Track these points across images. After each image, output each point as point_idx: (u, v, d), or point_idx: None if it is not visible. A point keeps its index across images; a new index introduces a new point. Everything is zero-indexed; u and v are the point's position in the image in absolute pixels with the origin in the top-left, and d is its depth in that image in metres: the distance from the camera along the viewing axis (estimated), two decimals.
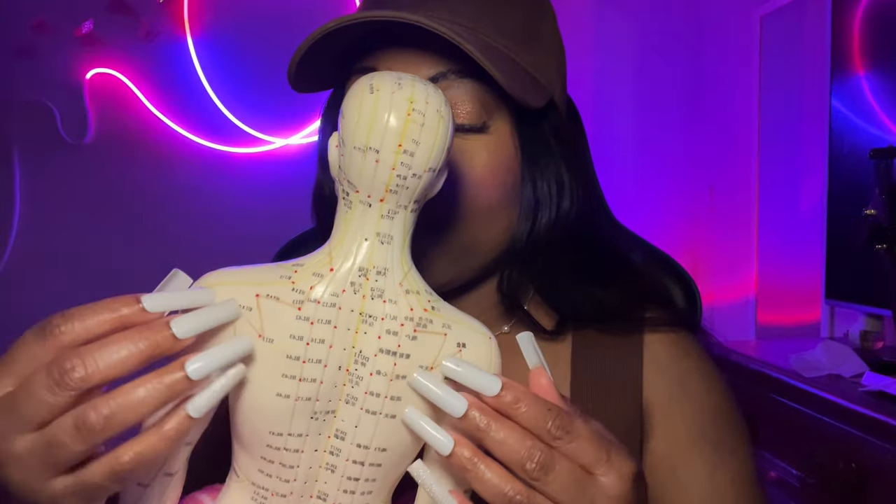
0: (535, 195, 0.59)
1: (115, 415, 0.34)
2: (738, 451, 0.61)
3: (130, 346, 0.35)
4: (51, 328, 0.35)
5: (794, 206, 2.19)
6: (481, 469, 0.37)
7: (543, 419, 0.38)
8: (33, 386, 0.35)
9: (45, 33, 2.30)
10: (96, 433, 0.34)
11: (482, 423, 0.38)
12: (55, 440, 0.35)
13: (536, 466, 0.37)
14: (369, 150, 0.38)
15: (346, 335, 0.40)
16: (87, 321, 0.35)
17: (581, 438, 0.39)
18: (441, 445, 0.38)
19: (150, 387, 0.35)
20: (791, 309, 2.20)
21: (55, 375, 0.34)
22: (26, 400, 0.35)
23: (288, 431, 0.40)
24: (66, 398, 0.34)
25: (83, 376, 0.34)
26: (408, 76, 0.40)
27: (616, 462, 0.39)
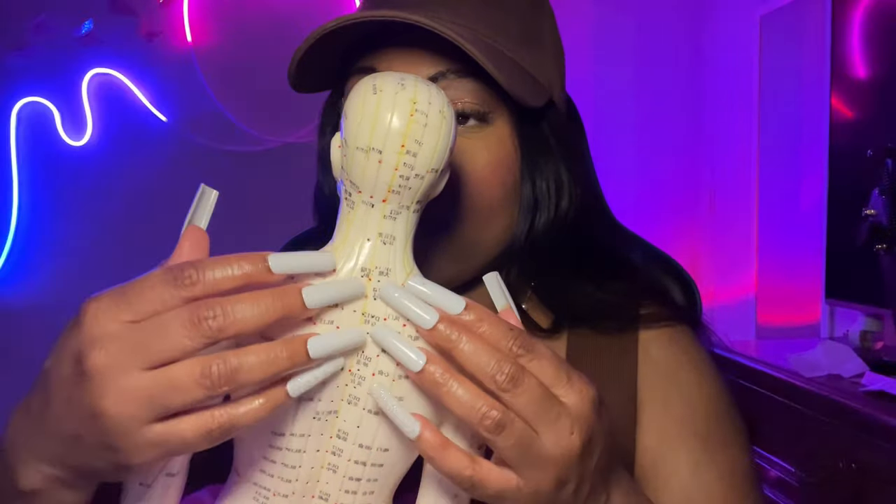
0: (534, 194, 0.59)
1: (240, 371, 0.35)
2: (730, 448, 0.60)
3: (266, 305, 0.36)
4: (183, 277, 0.36)
5: (794, 206, 2.19)
6: (453, 385, 0.37)
7: (505, 338, 0.38)
8: (169, 326, 0.35)
9: (45, 33, 2.30)
10: (219, 384, 0.35)
11: (452, 335, 0.38)
12: (178, 383, 0.35)
13: (506, 378, 0.37)
14: (372, 150, 0.39)
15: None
16: (217, 273, 0.36)
17: (542, 358, 0.39)
18: (412, 363, 0.38)
19: (274, 354, 0.36)
20: (791, 309, 2.20)
21: (194, 319, 0.35)
22: (158, 338, 0.35)
23: (290, 432, 0.40)
24: (201, 343, 0.35)
25: (221, 326, 0.35)
26: (410, 77, 0.40)
27: (577, 383, 0.39)
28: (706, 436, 0.60)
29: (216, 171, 2.44)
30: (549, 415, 0.38)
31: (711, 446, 0.60)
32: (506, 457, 0.38)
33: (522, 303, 0.63)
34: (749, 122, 2.33)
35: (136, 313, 0.36)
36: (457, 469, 0.38)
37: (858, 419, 1.28)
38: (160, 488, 0.42)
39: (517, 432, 0.37)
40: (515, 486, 0.39)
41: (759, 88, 2.28)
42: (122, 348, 0.35)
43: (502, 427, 0.37)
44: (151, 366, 0.35)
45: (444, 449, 0.38)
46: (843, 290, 1.79)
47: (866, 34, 1.74)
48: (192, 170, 2.43)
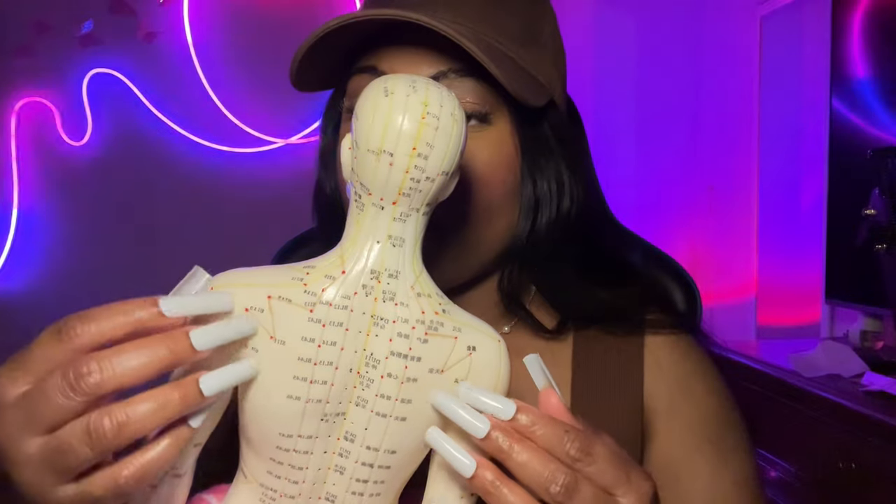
0: (535, 194, 0.59)
1: (128, 424, 0.34)
2: (740, 452, 0.61)
3: (149, 354, 0.35)
4: (66, 329, 0.35)
5: (794, 205, 2.19)
6: (504, 492, 0.37)
7: (561, 441, 0.38)
8: (47, 388, 0.34)
9: (45, 33, 2.30)
10: (108, 441, 0.34)
11: (505, 444, 0.37)
12: (65, 445, 0.34)
13: (562, 490, 0.37)
14: (383, 153, 0.38)
15: (358, 338, 0.40)
16: (103, 324, 0.35)
17: (601, 460, 0.38)
18: (464, 467, 0.38)
19: (164, 399, 0.35)
20: (791, 309, 2.20)
21: (70, 379, 0.34)
22: (40, 402, 0.34)
23: (298, 433, 0.40)
24: (80, 403, 0.34)
25: (98, 382, 0.34)
26: (422, 79, 0.40)
27: (636, 482, 0.39)
28: (719, 443, 0.60)
29: (216, 171, 2.44)
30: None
31: (724, 452, 0.60)
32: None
33: (526, 303, 0.63)
34: (749, 122, 2.33)
35: (30, 376, 0.36)
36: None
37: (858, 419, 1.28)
38: (167, 489, 0.42)
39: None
40: None
41: (759, 88, 2.28)
42: (16, 417, 0.35)
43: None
44: (44, 431, 0.35)
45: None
46: (843, 290, 1.79)
47: (866, 34, 1.74)
48: (192, 170, 2.43)
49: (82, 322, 0.35)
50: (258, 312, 0.39)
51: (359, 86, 0.56)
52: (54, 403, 0.34)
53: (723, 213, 2.51)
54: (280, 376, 0.39)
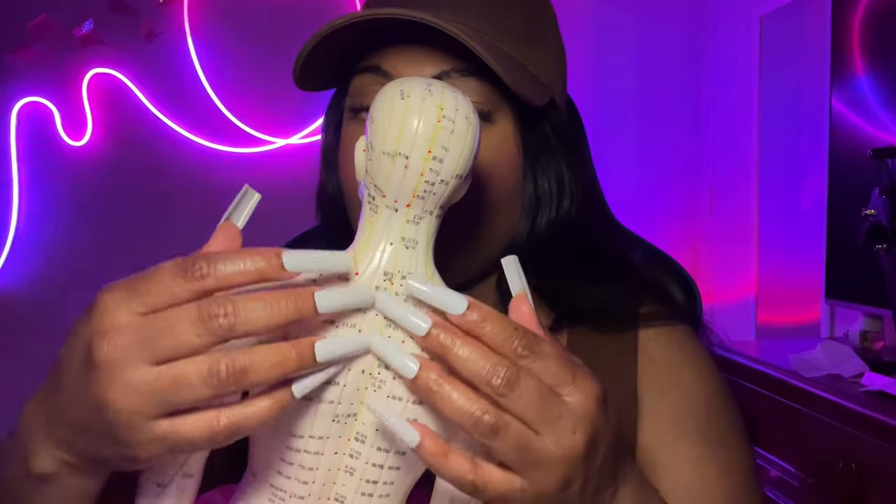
0: (536, 194, 0.59)
1: (248, 371, 0.35)
2: (731, 444, 0.61)
3: (278, 308, 0.35)
4: (194, 269, 0.35)
5: (794, 206, 2.19)
6: (447, 389, 0.37)
7: (509, 338, 0.38)
8: (178, 322, 0.35)
9: (45, 33, 2.30)
10: (225, 383, 0.34)
11: (447, 341, 0.37)
12: (185, 380, 0.34)
13: (502, 382, 0.37)
14: (399, 155, 0.39)
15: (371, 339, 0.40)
16: (228, 267, 0.35)
17: (547, 358, 0.38)
18: (406, 370, 0.38)
19: (282, 354, 0.35)
20: (791, 309, 2.21)
21: (204, 317, 0.34)
22: (166, 333, 0.35)
23: (309, 434, 0.40)
24: (209, 341, 0.35)
25: (230, 325, 0.35)
26: (437, 82, 0.40)
27: (581, 382, 0.39)
28: (707, 432, 0.60)
29: (216, 171, 2.44)
30: (550, 415, 0.38)
31: (712, 442, 0.60)
32: (506, 460, 0.38)
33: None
34: (749, 122, 2.33)
35: (147, 305, 0.36)
36: (459, 474, 0.38)
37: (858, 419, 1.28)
38: (176, 490, 0.42)
39: (513, 435, 0.37)
40: (519, 487, 0.38)
41: (759, 88, 2.29)
42: (130, 342, 0.35)
43: (497, 431, 0.37)
44: (158, 361, 0.35)
45: (444, 455, 0.38)
46: (843, 290, 1.79)
47: (866, 34, 1.74)
48: (192, 170, 2.43)
49: (209, 263, 0.35)
50: None
51: (361, 85, 0.56)
52: (181, 337, 0.34)
53: (723, 213, 2.51)
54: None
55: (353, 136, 0.57)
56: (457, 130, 0.39)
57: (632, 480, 0.45)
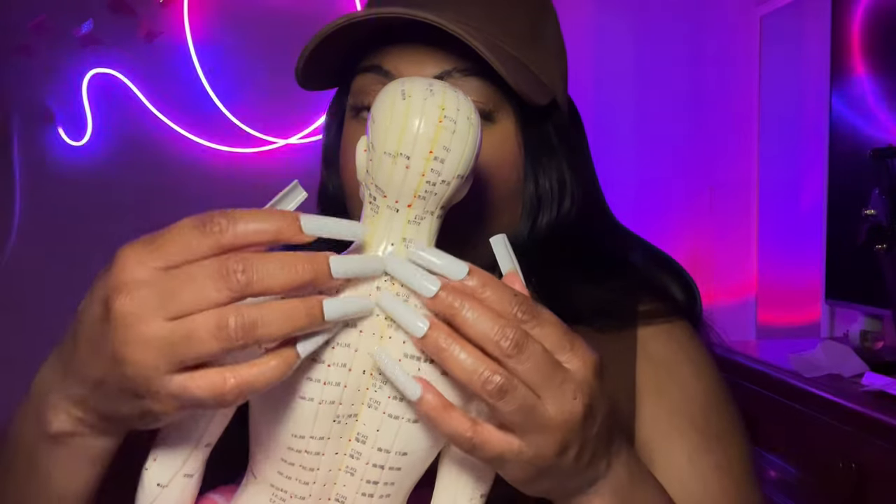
0: (537, 193, 0.59)
1: (257, 326, 0.35)
2: (728, 439, 0.60)
3: (293, 268, 0.36)
4: (212, 224, 0.36)
5: (794, 206, 2.19)
6: (455, 349, 0.37)
7: (509, 304, 0.38)
8: (196, 276, 0.35)
9: (45, 33, 2.30)
10: (235, 339, 0.35)
11: (455, 303, 0.38)
12: (194, 333, 0.35)
13: (510, 344, 0.37)
14: (400, 155, 0.39)
15: (372, 339, 0.40)
16: (248, 226, 0.36)
17: (547, 325, 0.39)
18: (415, 328, 0.38)
19: (291, 310, 0.36)
20: (791, 309, 2.20)
21: (223, 272, 0.35)
22: (184, 287, 0.35)
23: (310, 434, 0.40)
24: (226, 296, 0.35)
25: (248, 281, 0.35)
26: (439, 83, 0.40)
27: (579, 350, 0.40)
28: (703, 427, 0.60)
29: (216, 171, 2.44)
30: (553, 381, 0.38)
31: (708, 437, 0.60)
32: (508, 421, 0.38)
33: None
34: (749, 122, 2.33)
35: (165, 260, 0.36)
36: (458, 430, 0.38)
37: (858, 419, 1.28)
38: (177, 490, 0.42)
39: (520, 397, 0.37)
40: (517, 449, 0.39)
41: (759, 88, 2.28)
42: (147, 296, 0.35)
43: (504, 392, 0.37)
44: (175, 315, 0.35)
45: (445, 410, 0.38)
46: (843, 290, 1.79)
47: (866, 34, 1.74)
48: (192, 170, 2.43)
49: (227, 220, 0.36)
50: None
51: (363, 84, 0.56)
52: (199, 291, 0.35)
53: (723, 213, 2.51)
54: (293, 377, 0.39)
55: (354, 135, 0.57)
56: (458, 131, 0.39)
57: (625, 455, 0.45)
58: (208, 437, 0.42)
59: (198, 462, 0.42)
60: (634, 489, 0.45)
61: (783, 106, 2.24)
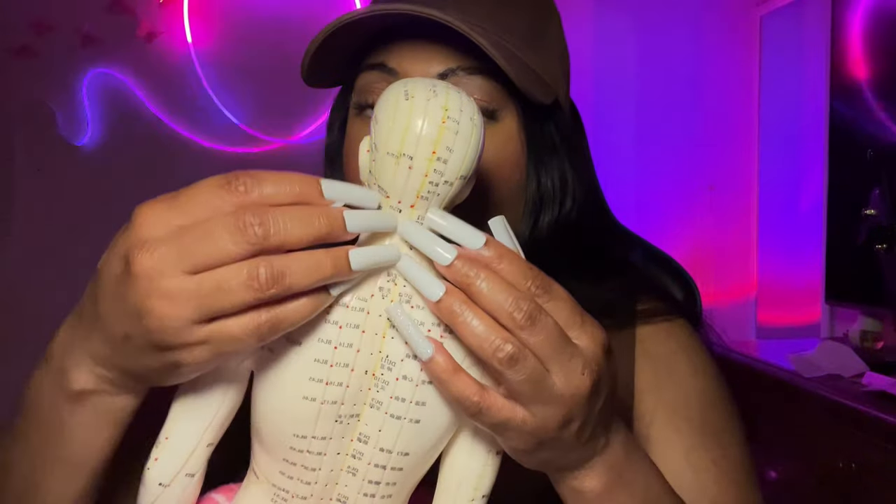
0: (539, 192, 0.59)
1: (285, 274, 0.36)
2: (725, 437, 0.60)
3: (309, 222, 0.36)
4: (236, 183, 0.36)
5: (794, 205, 2.19)
6: (468, 316, 0.37)
7: (524, 277, 0.38)
8: (214, 229, 0.35)
9: (45, 33, 2.30)
10: (266, 287, 0.35)
11: (471, 272, 0.38)
12: (226, 285, 0.35)
13: (524, 315, 0.37)
14: (403, 156, 0.39)
15: (374, 340, 0.40)
16: (270, 187, 0.37)
17: (559, 299, 0.39)
18: (431, 292, 0.38)
19: (317, 260, 0.36)
20: (791, 309, 2.20)
21: (240, 225, 0.35)
22: (203, 241, 0.35)
23: (312, 434, 0.40)
24: (244, 248, 0.35)
25: (265, 234, 0.35)
26: (442, 83, 0.40)
27: (588, 327, 0.40)
28: (700, 424, 0.60)
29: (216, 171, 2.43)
30: (563, 355, 0.38)
31: (705, 434, 0.60)
32: (516, 391, 0.38)
33: None
34: (749, 122, 2.33)
35: (186, 217, 0.36)
36: (466, 394, 0.38)
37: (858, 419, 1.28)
38: (178, 489, 0.42)
39: (529, 368, 0.38)
40: (521, 418, 0.39)
41: (759, 88, 2.28)
42: (168, 251, 0.36)
43: (515, 361, 0.37)
44: (196, 269, 0.35)
45: (454, 373, 0.38)
46: (843, 290, 1.79)
47: (866, 34, 1.74)
48: (192, 170, 2.43)
49: (251, 179, 0.36)
50: None
51: (367, 82, 0.57)
52: (218, 244, 0.35)
53: (723, 213, 2.51)
54: (296, 377, 0.39)
55: (358, 133, 0.58)
56: (461, 131, 0.39)
57: (622, 435, 0.46)
58: (210, 436, 0.42)
59: (200, 461, 0.42)
60: (629, 468, 0.45)
61: (783, 106, 2.24)
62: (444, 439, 0.43)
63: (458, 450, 0.44)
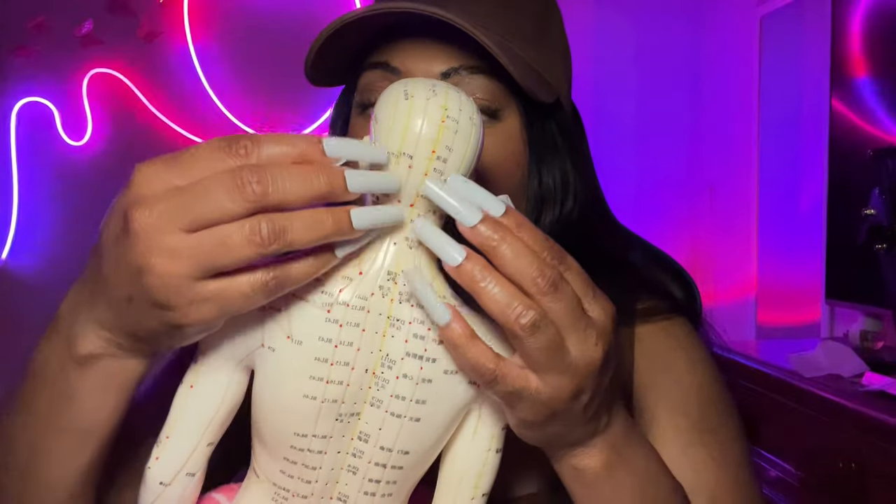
0: (540, 191, 0.59)
1: (287, 231, 0.36)
2: (723, 433, 0.60)
3: (309, 181, 0.36)
4: (238, 146, 0.36)
5: (794, 206, 2.19)
6: (490, 281, 0.37)
7: (542, 246, 0.38)
8: (212, 187, 0.35)
9: (45, 33, 2.30)
10: (268, 242, 0.35)
11: (495, 235, 0.38)
12: (228, 240, 0.35)
13: (547, 281, 0.37)
14: (403, 155, 0.39)
15: (374, 338, 0.40)
16: (271, 148, 0.37)
17: (573, 271, 0.40)
18: (451, 255, 0.38)
19: (318, 218, 0.37)
20: (791, 309, 2.20)
21: (238, 183, 0.35)
22: (201, 199, 0.35)
23: (312, 433, 0.40)
24: (242, 206, 0.35)
25: (262, 191, 0.35)
26: (441, 83, 0.41)
27: (600, 299, 0.40)
28: (698, 420, 0.60)
29: None
30: (579, 324, 0.38)
31: (702, 430, 0.60)
32: (533, 359, 0.38)
33: None
34: (749, 122, 2.33)
35: (185, 177, 0.36)
36: (482, 360, 0.38)
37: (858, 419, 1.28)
38: (179, 488, 0.42)
39: (549, 335, 0.38)
40: (534, 387, 0.39)
41: (759, 88, 2.29)
42: (167, 208, 0.36)
43: (536, 328, 0.37)
44: (194, 226, 0.36)
45: (471, 339, 0.38)
46: (843, 290, 1.79)
47: (866, 34, 1.74)
48: None
49: (252, 142, 0.37)
50: (275, 312, 0.40)
51: (370, 81, 0.57)
52: (216, 202, 0.35)
53: (723, 213, 2.51)
54: (296, 376, 0.39)
55: (360, 132, 0.58)
56: (461, 131, 0.39)
57: (622, 416, 0.46)
58: (211, 435, 0.42)
59: (200, 461, 0.42)
60: (629, 448, 0.46)
61: (783, 106, 2.24)
62: (445, 438, 0.43)
63: (459, 448, 0.44)
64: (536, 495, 0.61)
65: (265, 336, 0.40)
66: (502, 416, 0.43)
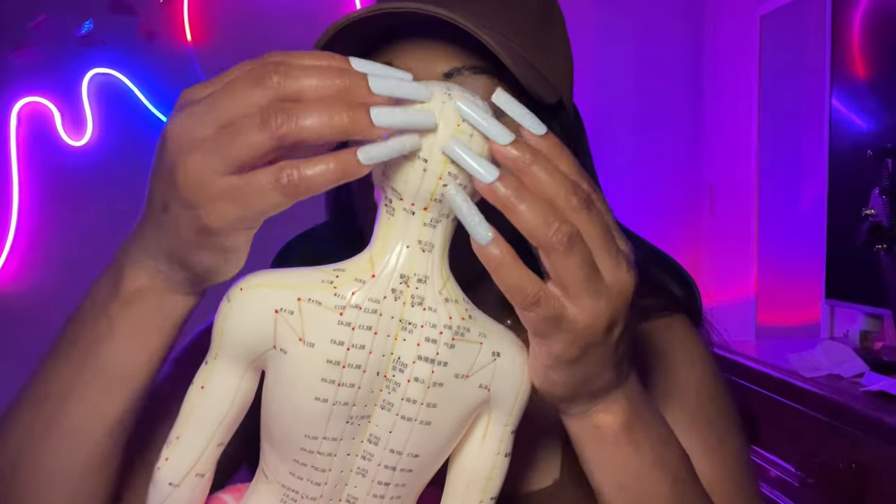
0: None
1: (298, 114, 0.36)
2: (720, 426, 0.61)
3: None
4: (267, 78, 0.37)
5: (794, 206, 2.19)
6: (527, 196, 0.37)
7: (576, 171, 0.38)
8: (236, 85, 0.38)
9: (45, 33, 2.30)
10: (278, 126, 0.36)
11: (528, 156, 0.37)
12: (240, 128, 0.37)
13: (581, 200, 0.37)
14: (417, 158, 0.39)
15: (386, 341, 0.40)
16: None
17: (603, 202, 0.40)
18: (484, 173, 0.37)
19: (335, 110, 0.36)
20: (791, 309, 2.20)
21: (259, 73, 0.37)
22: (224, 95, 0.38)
23: (323, 435, 0.40)
24: (261, 96, 0.37)
25: (279, 81, 0.37)
26: (457, 87, 0.40)
27: (624, 237, 0.40)
28: (695, 412, 0.60)
29: None
30: (611, 248, 0.38)
31: (699, 422, 0.60)
32: (569, 279, 0.38)
33: None
34: (749, 122, 2.33)
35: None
36: (524, 282, 0.38)
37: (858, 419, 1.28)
38: (188, 489, 0.42)
39: (584, 253, 0.37)
40: (573, 315, 0.38)
41: (759, 88, 2.29)
42: (197, 109, 0.38)
43: (573, 243, 0.37)
44: (220, 123, 0.37)
45: (515, 260, 0.38)
46: (843, 290, 1.79)
47: (866, 34, 1.74)
48: None
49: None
50: (288, 314, 0.39)
51: None
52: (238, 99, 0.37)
53: (723, 213, 2.51)
54: (308, 378, 0.39)
55: None
56: (476, 134, 0.39)
57: (635, 375, 0.46)
58: (220, 436, 0.42)
59: (210, 462, 0.42)
60: (644, 406, 0.46)
61: (783, 106, 2.24)
62: (454, 441, 0.43)
63: (467, 452, 0.44)
64: (547, 489, 0.61)
65: (277, 338, 0.40)
66: (511, 420, 0.43)
